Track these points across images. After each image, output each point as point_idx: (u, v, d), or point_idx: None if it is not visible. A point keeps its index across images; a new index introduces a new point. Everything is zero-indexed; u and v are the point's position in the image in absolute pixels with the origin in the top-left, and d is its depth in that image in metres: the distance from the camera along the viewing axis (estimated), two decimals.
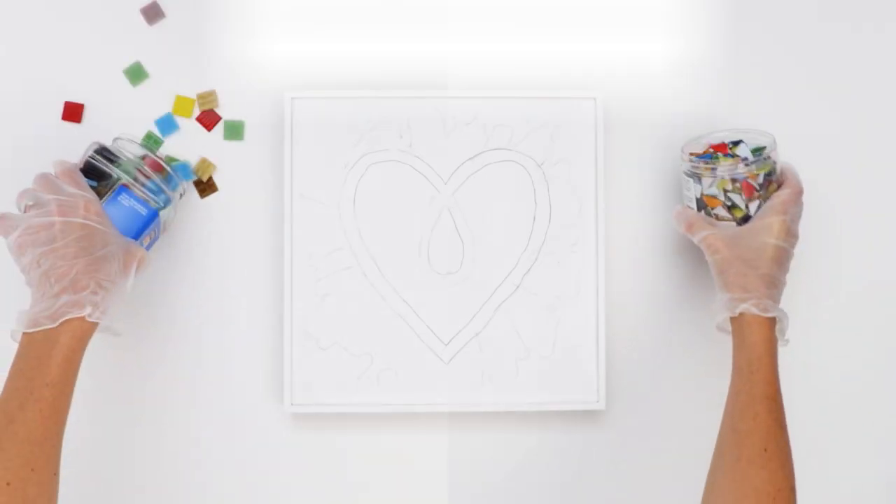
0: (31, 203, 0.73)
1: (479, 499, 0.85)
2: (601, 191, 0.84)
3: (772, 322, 0.73)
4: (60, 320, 0.69)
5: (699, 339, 0.85)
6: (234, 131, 0.85)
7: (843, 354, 0.86)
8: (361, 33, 0.86)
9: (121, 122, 0.84)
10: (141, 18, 0.85)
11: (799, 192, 0.78)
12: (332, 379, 0.82)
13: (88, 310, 0.70)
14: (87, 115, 0.84)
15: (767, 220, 0.76)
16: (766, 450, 0.69)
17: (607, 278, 0.84)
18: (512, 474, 0.85)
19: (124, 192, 0.76)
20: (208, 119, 0.84)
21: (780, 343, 0.74)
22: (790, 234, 0.77)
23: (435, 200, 0.84)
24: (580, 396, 0.83)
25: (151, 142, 0.84)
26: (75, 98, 0.84)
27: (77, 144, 0.84)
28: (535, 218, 0.84)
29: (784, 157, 0.84)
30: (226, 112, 0.85)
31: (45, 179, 0.74)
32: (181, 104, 0.84)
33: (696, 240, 0.79)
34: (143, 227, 0.77)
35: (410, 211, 0.84)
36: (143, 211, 0.77)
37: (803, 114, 0.87)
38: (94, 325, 0.70)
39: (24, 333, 0.69)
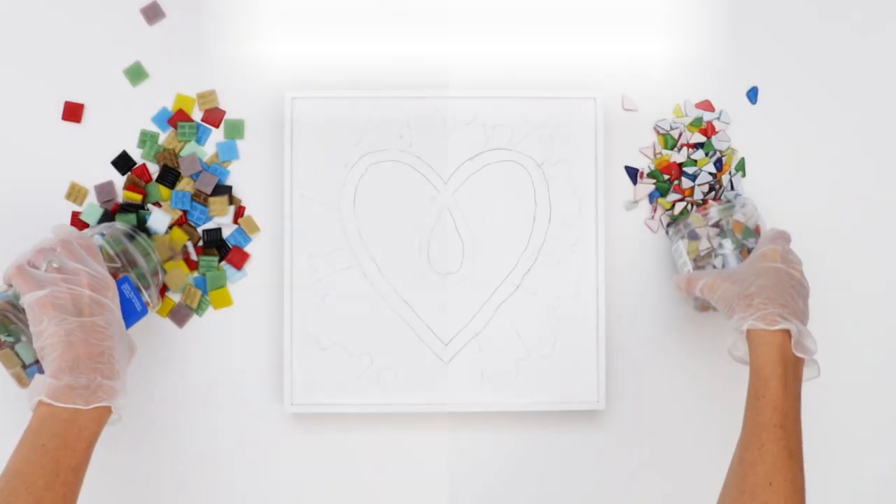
0: (56, 266, 0.69)
1: (479, 499, 0.85)
2: (601, 191, 0.84)
3: (782, 338, 0.70)
4: (94, 405, 0.66)
5: (699, 338, 0.85)
6: (234, 131, 0.85)
7: (842, 352, 0.86)
8: (361, 33, 0.86)
9: (121, 122, 0.84)
10: (141, 18, 0.85)
11: (783, 232, 0.78)
12: (332, 379, 0.82)
13: (121, 401, 0.69)
14: (87, 115, 0.84)
15: (760, 251, 0.76)
16: (770, 483, 0.65)
17: (607, 278, 0.84)
18: (512, 474, 0.85)
19: (128, 283, 0.75)
20: (213, 117, 0.84)
21: (808, 369, 0.71)
22: (786, 260, 0.75)
23: (435, 200, 0.84)
24: (580, 396, 0.83)
25: (147, 140, 0.84)
26: (75, 98, 0.84)
27: (77, 144, 0.84)
28: (535, 218, 0.84)
29: (785, 156, 0.85)
30: (226, 111, 0.85)
31: (70, 247, 0.71)
32: (181, 103, 0.84)
33: (698, 292, 0.77)
34: (133, 323, 0.75)
35: (410, 211, 0.84)
36: (139, 307, 0.75)
37: (803, 114, 0.87)
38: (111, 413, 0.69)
39: (46, 404, 0.66)
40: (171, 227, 0.83)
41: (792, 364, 0.69)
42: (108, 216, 0.83)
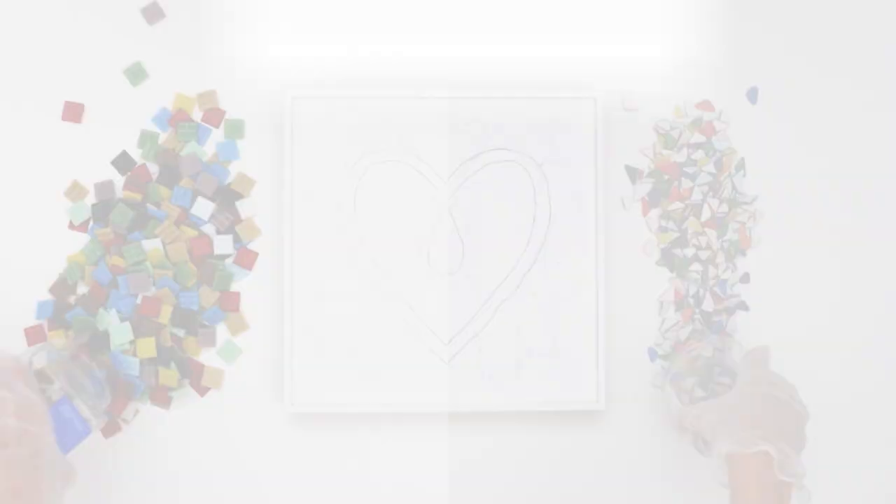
0: None
1: (479, 499, 0.84)
2: (601, 191, 0.84)
3: (761, 462, 0.66)
4: None
5: None
6: (234, 131, 0.85)
7: (841, 349, 0.86)
8: (362, 33, 0.86)
9: (121, 122, 0.84)
10: (141, 18, 0.85)
11: (763, 352, 0.76)
12: (332, 379, 0.82)
13: None
14: (87, 115, 0.84)
15: (743, 378, 0.74)
16: None
17: (607, 278, 0.84)
18: (512, 474, 0.85)
19: (67, 404, 0.71)
20: (213, 117, 0.84)
21: (799, 493, 0.67)
22: (772, 384, 0.72)
23: (435, 200, 0.84)
24: (580, 396, 0.83)
25: (147, 141, 0.84)
26: (75, 98, 0.84)
27: (77, 144, 0.84)
28: (535, 218, 0.84)
29: (785, 156, 0.86)
30: (226, 111, 0.85)
31: None
32: (181, 103, 0.84)
33: (688, 425, 0.76)
34: (74, 445, 0.72)
35: (410, 211, 0.84)
36: (80, 427, 0.72)
37: (803, 114, 0.87)
38: None
39: None
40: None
41: (773, 489, 0.65)
42: (98, 214, 0.83)
